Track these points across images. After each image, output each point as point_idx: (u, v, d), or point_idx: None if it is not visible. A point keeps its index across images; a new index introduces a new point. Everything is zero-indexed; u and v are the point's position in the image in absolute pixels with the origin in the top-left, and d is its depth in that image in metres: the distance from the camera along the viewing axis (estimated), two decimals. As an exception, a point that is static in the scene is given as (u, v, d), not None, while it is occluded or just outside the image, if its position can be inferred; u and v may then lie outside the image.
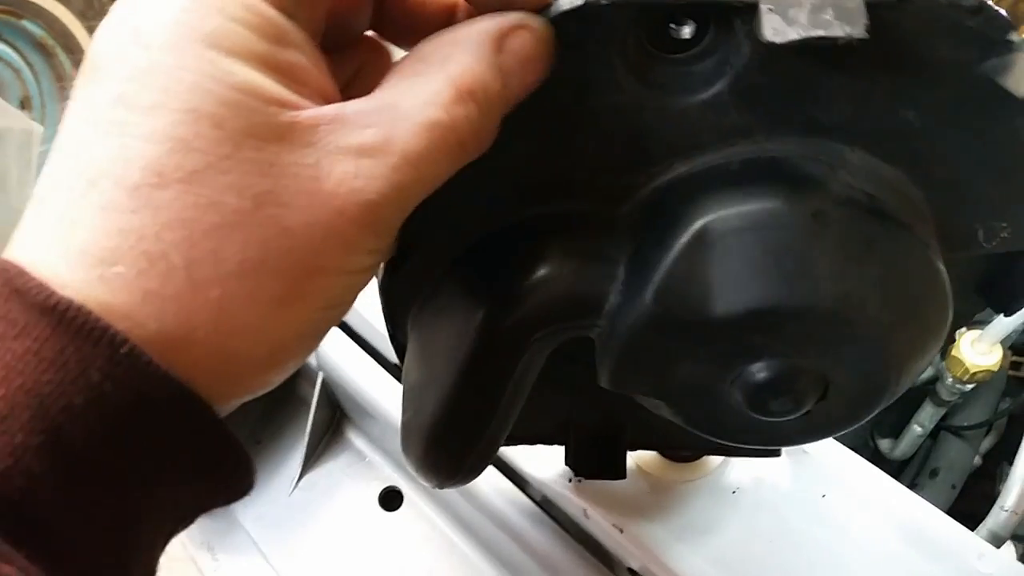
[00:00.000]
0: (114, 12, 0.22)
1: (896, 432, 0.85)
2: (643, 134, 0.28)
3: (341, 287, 0.24)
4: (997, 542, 0.54)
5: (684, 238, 0.27)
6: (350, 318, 0.56)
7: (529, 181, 0.29)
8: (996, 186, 0.29)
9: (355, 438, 0.56)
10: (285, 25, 0.22)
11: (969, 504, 0.92)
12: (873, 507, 0.44)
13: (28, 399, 0.19)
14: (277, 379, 0.24)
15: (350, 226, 0.22)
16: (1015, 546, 0.66)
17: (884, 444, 0.86)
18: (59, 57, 1.84)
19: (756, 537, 0.43)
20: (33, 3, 1.75)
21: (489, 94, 0.24)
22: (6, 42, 1.79)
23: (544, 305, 0.31)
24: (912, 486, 0.90)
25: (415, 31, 0.26)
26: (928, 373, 0.74)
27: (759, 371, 0.29)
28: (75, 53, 1.86)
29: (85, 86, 0.22)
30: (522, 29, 0.24)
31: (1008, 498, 0.53)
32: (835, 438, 0.58)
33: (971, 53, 0.26)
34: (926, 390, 0.77)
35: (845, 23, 0.24)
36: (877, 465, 0.89)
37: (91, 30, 1.86)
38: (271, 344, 0.23)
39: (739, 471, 0.45)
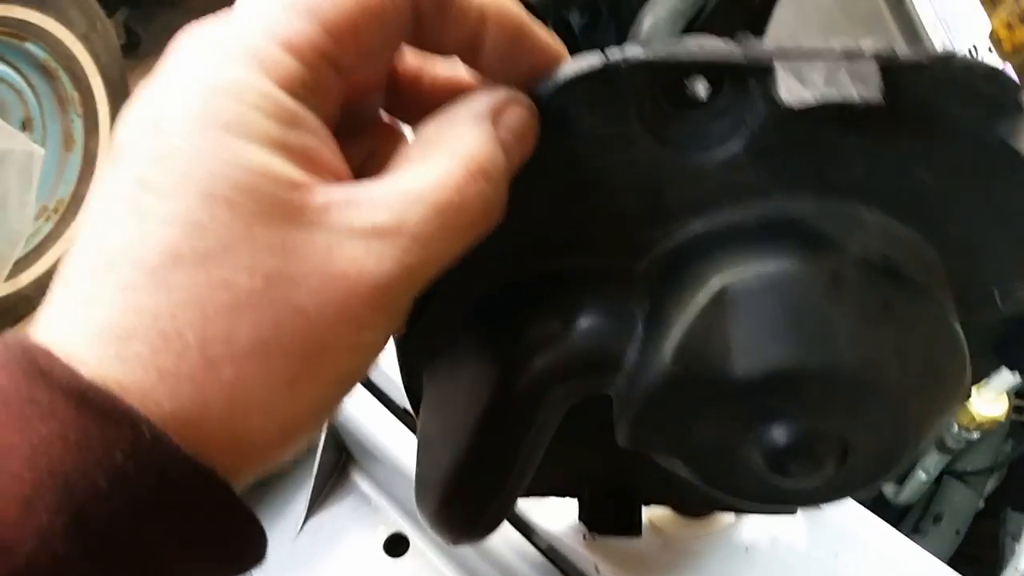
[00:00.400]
0: (136, 99, 0.23)
1: (900, 477, 0.84)
2: (659, 191, 0.28)
3: (353, 363, 0.24)
4: (1013, 604, 0.53)
5: (702, 297, 0.27)
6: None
7: (545, 236, 0.29)
8: (1012, 247, 0.29)
9: (361, 482, 0.56)
10: (299, 111, 0.23)
11: (972, 547, 0.91)
12: (886, 567, 0.44)
13: (54, 481, 0.19)
14: (289, 453, 0.24)
15: (361, 306, 0.23)
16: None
17: (888, 489, 0.86)
18: (61, 79, 1.84)
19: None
20: (36, 25, 1.75)
21: (492, 171, 0.24)
22: (8, 63, 1.79)
23: (561, 362, 0.31)
24: (916, 531, 0.89)
25: (428, 112, 0.27)
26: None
27: (779, 433, 0.28)
28: (77, 75, 1.87)
29: (108, 169, 0.23)
30: (515, 104, 0.25)
31: (1022, 561, 0.52)
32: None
33: (984, 116, 0.26)
34: (931, 437, 0.77)
35: (861, 86, 0.24)
36: (881, 510, 0.89)
37: (93, 53, 1.88)
38: (284, 421, 0.23)
39: (752, 529, 0.45)
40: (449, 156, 0.24)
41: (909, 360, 0.28)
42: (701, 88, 0.27)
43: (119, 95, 2.00)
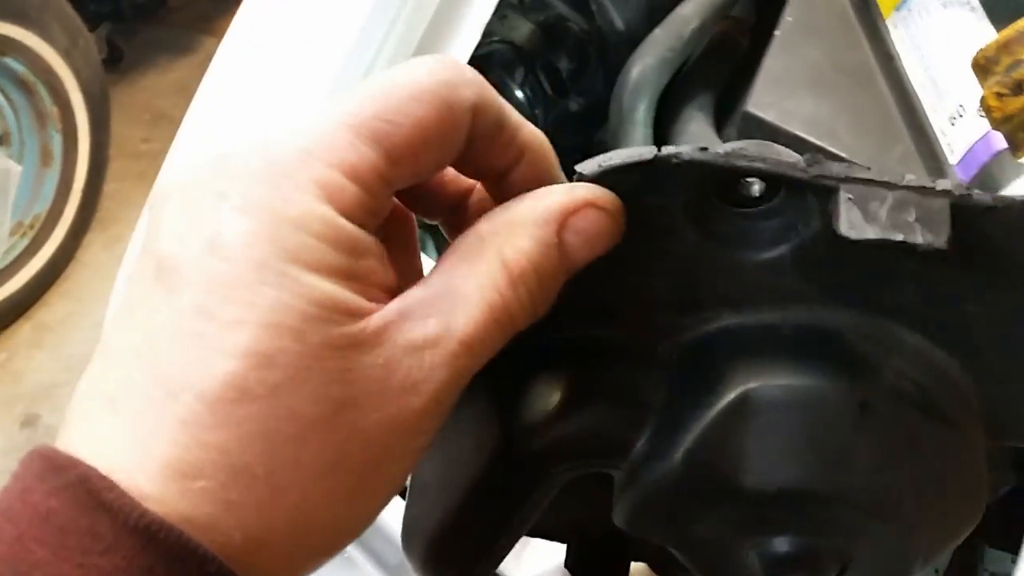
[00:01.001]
0: (180, 212, 0.23)
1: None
2: (696, 280, 0.27)
3: (405, 469, 0.25)
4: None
5: (723, 402, 0.26)
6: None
7: (571, 304, 0.27)
8: None
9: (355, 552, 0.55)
10: (361, 237, 0.23)
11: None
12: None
13: None
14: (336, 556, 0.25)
15: (416, 417, 0.23)
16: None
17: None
18: (40, 94, 1.82)
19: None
20: (16, 40, 1.73)
21: (543, 275, 0.24)
22: (-14, 78, 1.77)
23: (566, 441, 0.30)
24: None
25: (437, 209, 0.28)
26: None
27: (780, 543, 0.28)
28: (57, 90, 1.85)
29: (161, 292, 0.22)
30: (590, 208, 0.25)
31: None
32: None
33: None
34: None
35: (927, 230, 0.23)
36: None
37: (74, 68, 1.86)
38: (341, 532, 0.24)
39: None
40: (494, 257, 0.24)
41: (928, 495, 0.27)
42: (756, 188, 0.26)
43: (100, 110, 1.98)
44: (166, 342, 0.22)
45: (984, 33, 0.53)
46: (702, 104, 0.66)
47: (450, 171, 0.28)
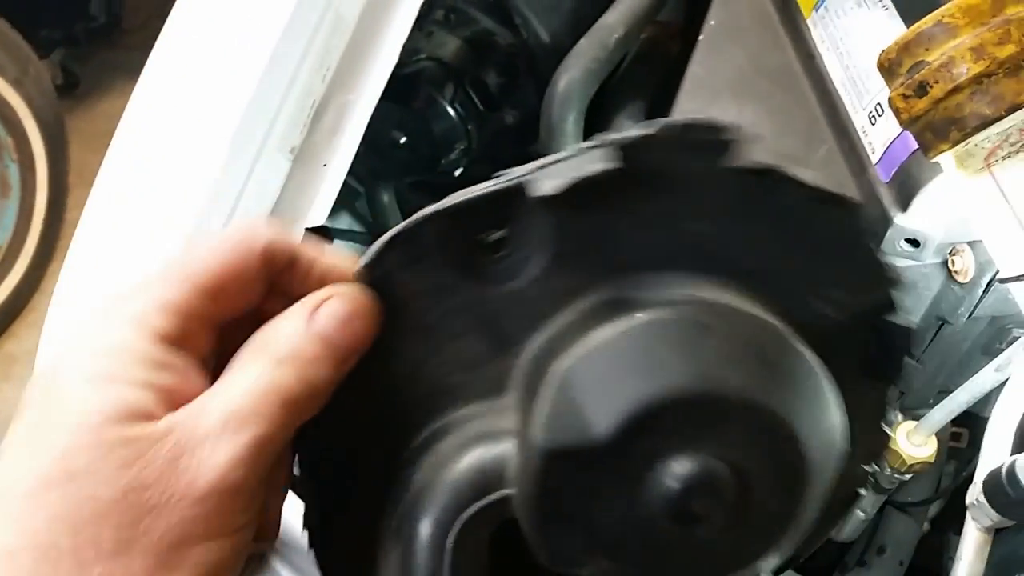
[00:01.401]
0: (42, 366, 0.32)
1: (840, 514, 0.85)
2: (496, 323, 0.32)
3: (213, 552, 0.28)
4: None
5: (551, 388, 0.29)
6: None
7: (416, 401, 0.32)
8: (808, 261, 0.33)
9: (282, 570, 0.54)
10: (167, 357, 0.29)
11: (917, 571, 0.92)
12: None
13: None
14: None
15: (208, 496, 0.27)
16: None
17: (829, 526, 0.86)
18: (-7, 125, 1.81)
19: None
20: (-34, 72, 1.71)
21: (305, 355, 0.29)
22: (-63, 110, 1.75)
23: (451, 506, 0.31)
24: (860, 564, 0.90)
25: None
26: (868, 461, 0.74)
27: (669, 478, 0.29)
28: (10, 120, 1.82)
29: (14, 421, 0.28)
30: (331, 298, 0.30)
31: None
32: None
33: (715, 158, 0.30)
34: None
35: (599, 163, 0.30)
36: (823, 546, 0.89)
37: (27, 97, 1.84)
38: None
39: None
40: (263, 350, 0.29)
41: (746, 367, 0.29)
42: (494, 233, 0.31)
43: (55, 138, 1.96)
44: (6, 457, 0.28)
45: (897, 32, 0.54)
46: (632, 112, 0.67)
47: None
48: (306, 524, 0.33)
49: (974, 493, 0.51)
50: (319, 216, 0.57)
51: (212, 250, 0.30)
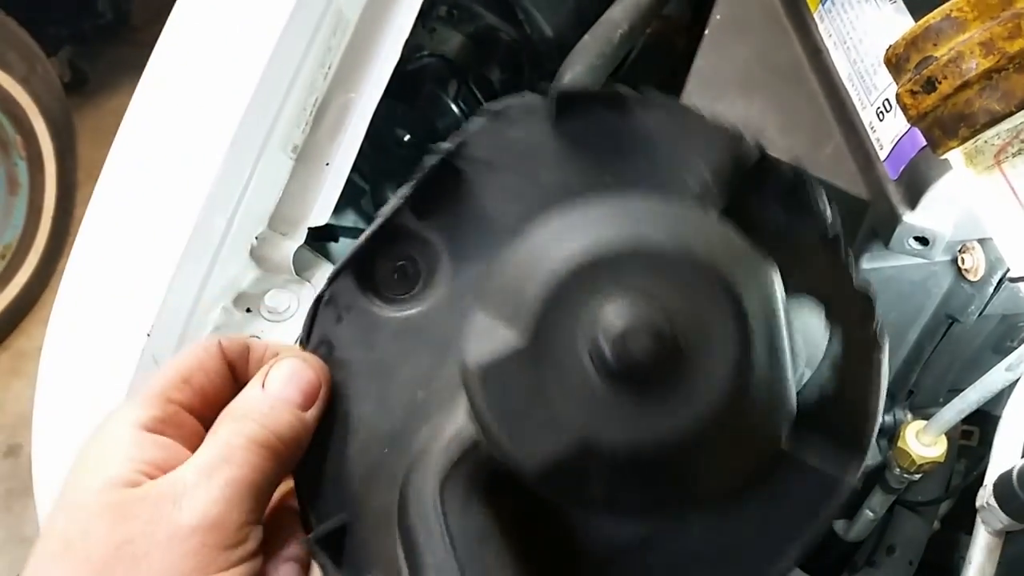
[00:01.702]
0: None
1: (850, 513, 0.84)
2: (428, 333, 0.38)
3: None
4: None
5: (470, 321, 0.33)
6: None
7: (394, 422, 0.37)
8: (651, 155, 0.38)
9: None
10: (151, 439, 0.34)
11: (933, 565, 0.91)
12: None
13: None
14: None
15: (191, 535, 0.32)
16: None
17: (838, 526, 0.85)
18: (1, 123, 1.81)
19: None
20: (-27, 69, 1.71)
21: (261, 410, 0.35)
22: (-54, 108, 1.75)
23: (433, 464, 0.34)
24: (869, 564, 0.89)
25: None
26: (876, 460, 0.73)
27: (600, 331, 0.29)
28: (18, 118, 1.83)
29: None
30: (276, 363, 0.37)
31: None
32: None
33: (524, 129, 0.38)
34: (875, 478, 0.76)
35: (432, 168, 0.38)
36: (832, 545, 0.88)
37: (34, 95, 1.84)
38: None
39: None
40: (227, 415, 0.36)
41: (667, 227, 0.31)
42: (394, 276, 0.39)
43: (64, 135, 1.97)
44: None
45: (904, 26, 0.53)
46: (637, 108, 0.66)
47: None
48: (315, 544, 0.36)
49: (984, 496, 0.50)
50: (323, 215, 0.56)
51: (179, 355, 0.38)
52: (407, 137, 0.70)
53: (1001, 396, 0.59)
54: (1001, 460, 0.50)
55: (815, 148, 0.57)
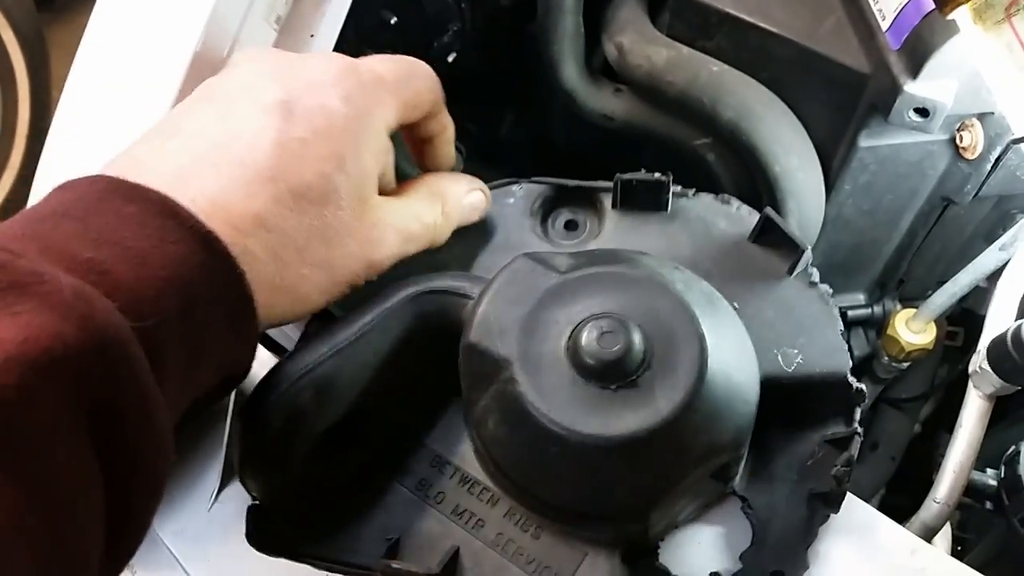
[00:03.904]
0: (313, 71, 0.42)
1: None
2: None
3: (343, 293, 0.42)
4: (929, 535, 0.53)
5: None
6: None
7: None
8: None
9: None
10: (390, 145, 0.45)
11: (909, 470, 0.93)
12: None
13: (179, 288, 0.34)
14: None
15: (367, 269, 0.42)
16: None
17: (824, 420, 0.86)
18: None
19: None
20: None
21: (453, 216, 0.47)
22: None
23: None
24: (853, 460, 0.90)
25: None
26: (864, 351, 0.74)
27: (584, 342, 0.37)
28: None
29: (276, 114, 0.39)
30: (478, 191, 0.50)
31: (940, 490, 0.52)
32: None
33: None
34: (862, 368, 0.77)
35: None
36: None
37: (5, 12, 1.78)
38: (311, 308, 0.41)
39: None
40: (435, 194, 0.47)
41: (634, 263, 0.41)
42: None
43: (36, 52, 1.91)
44: (249, 136, 0.38)
45: None
46: (633, -14, 0.64)
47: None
48: None
49: (977, 361, 0.50)
50: (307, 88, 0.54)
51: (417, 77, 0.47)
52: (393, 20, 0.68)
53: (987, 294, 0.59)
54: (994, 326, 0.50)
55: (816, 22, 0.56)
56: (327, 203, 0.39)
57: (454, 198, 0.47)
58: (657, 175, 0.49)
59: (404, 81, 0.44)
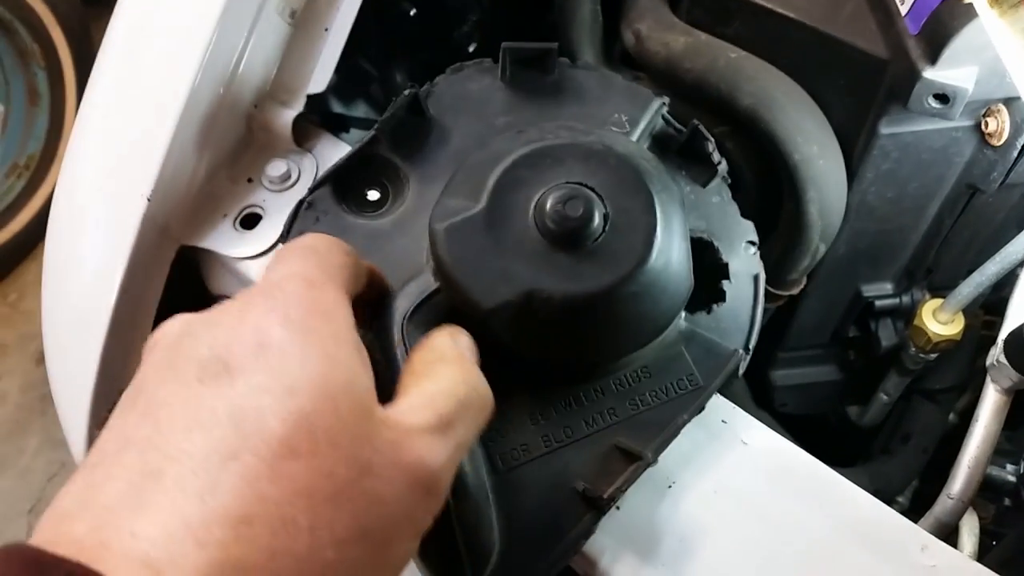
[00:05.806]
0: (225, 326, 0.29)
1: (865, 399, 0.83)
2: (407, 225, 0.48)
3: (409, 552, 0.29)
4: (943, 530, 0.52)
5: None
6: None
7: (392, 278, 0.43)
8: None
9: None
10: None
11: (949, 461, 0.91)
12: (813, 500, 0.43)
13: None
14: None
15: (424, 492, 0.29)
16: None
17: (853, 411, 0.85)
18: (19, 32, 1.79)
19: (693, 532, 0.42)
20: (-13, -24, 1.69)
21: (475, 370, 0.35)
22: (-37, 19, 1.74)
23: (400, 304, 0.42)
24: (884, 452, 0.88)
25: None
26: (892, 341, 0.72)
27: (546, 202, 0.38)
28: (36, 27, 1.81)
29: (208, 386, 0.27)
30: (461, 333, 0.38)
31: (954, 485, 0.51)
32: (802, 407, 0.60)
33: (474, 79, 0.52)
34: (891, 359, 0.75)
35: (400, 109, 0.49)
36: (847, 432, 0.88)
37: (51, 4, 1.82)
38: None
39: (675, 463, 0.44)
40: (449, 365, 0.34)
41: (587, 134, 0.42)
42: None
43: (81, 44, 1.95)
44: (221, 416, 0.26)
45: None
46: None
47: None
48: None
49: (994, 354, 0.49)
50: (321, 82, 0.55)
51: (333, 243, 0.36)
52: (413, 11, 0.68)
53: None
54: (1015, 318, 0.49)
55: (834, 7, 0.55)
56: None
57: (459, 353, 0.36)
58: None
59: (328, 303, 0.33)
